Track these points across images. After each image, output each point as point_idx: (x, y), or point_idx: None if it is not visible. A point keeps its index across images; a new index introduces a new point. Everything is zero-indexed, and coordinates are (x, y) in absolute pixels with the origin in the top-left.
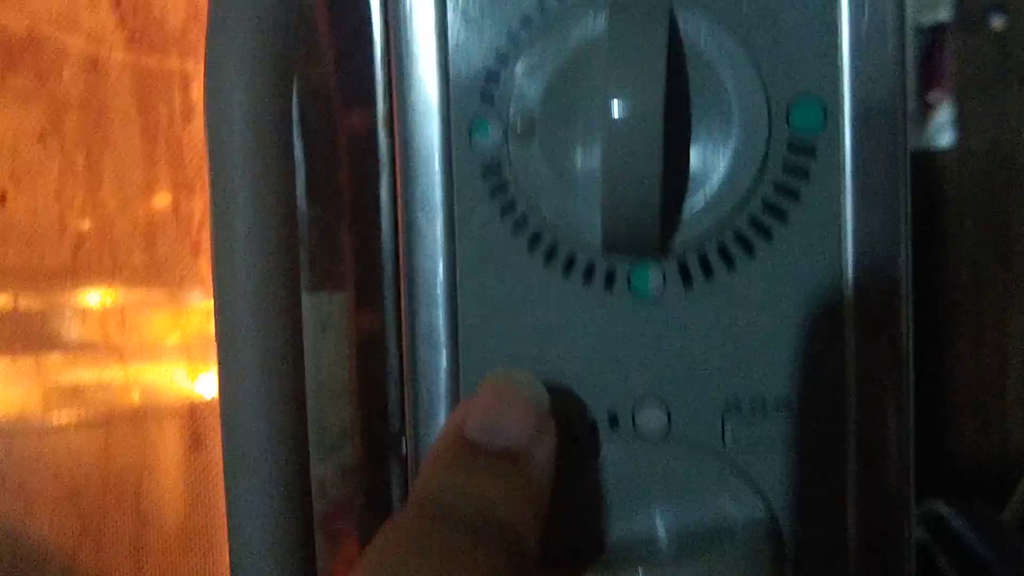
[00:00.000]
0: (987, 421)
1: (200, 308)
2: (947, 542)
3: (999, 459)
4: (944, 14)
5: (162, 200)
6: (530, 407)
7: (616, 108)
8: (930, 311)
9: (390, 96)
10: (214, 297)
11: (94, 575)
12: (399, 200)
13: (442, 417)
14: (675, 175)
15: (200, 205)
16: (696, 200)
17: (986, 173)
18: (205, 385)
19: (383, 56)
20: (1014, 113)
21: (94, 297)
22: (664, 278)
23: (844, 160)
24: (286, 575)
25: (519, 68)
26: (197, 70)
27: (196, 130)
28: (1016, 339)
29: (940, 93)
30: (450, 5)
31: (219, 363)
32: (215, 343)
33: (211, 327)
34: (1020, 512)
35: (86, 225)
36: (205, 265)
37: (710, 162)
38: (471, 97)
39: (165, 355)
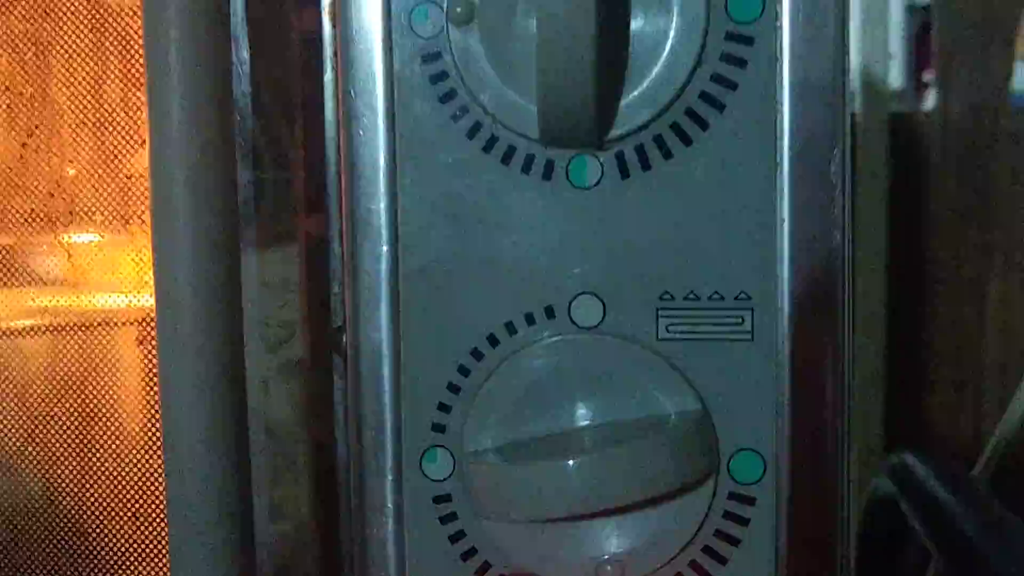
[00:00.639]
0: (963, 381)
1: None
2: (912, 491)
3: (973, 419)
4: None
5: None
6: None
7: None
8: (909, 270)
9: None
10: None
11: (41, 472)
12: (339, 91)
13: (382, 311)
14: (611, 65)
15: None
16: (633, 91)
17: (968, 134)
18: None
19: None
20: (996, 73)
21: (41, 194)
22: (602, 168)
23: (782, 49)
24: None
25: None
26: None
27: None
28: (995, 300)
29: (933, 73)
30: None
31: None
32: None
33: None
34: (991, 469)
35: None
36: None
37: (647, 53)
38: None
39: (113, 251)
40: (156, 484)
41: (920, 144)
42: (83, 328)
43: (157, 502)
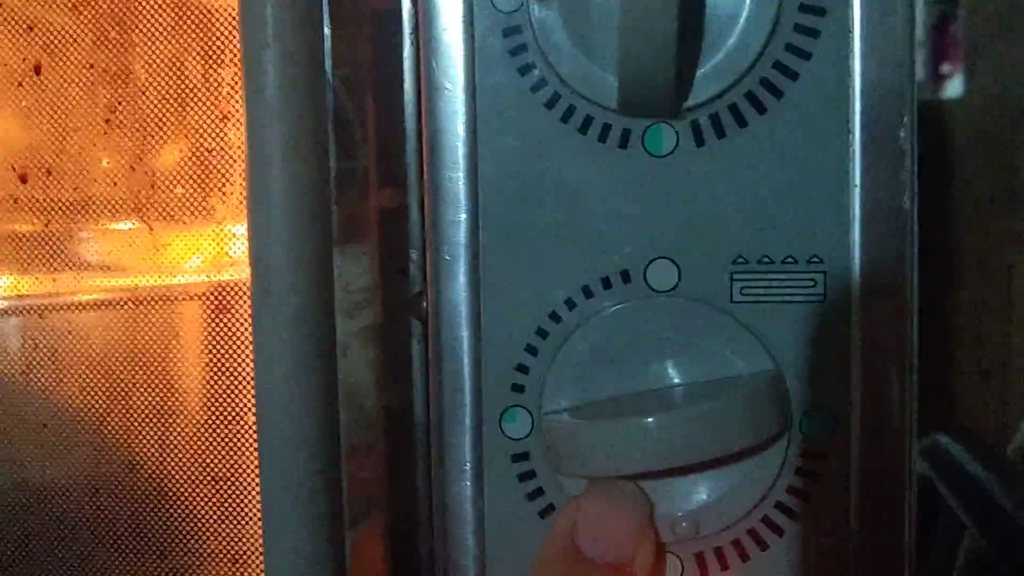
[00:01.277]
0: (989, 369)
1: (231, 184)
2: (948, 471)
3: (1000, 406)
4: None
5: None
6: (634, 520)
7: None
8: (937, 256)
9: None
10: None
11: (122, 439)
12: (421, 63)
13: (461, 276)
14: (690, 36)
15: (229, 74)
16: (709, 61)
17: (994, 121)
18: (232, 271)
19: None
20: (1022, 61)
21: (124, 165)
22: (677, 137)
23: (853, 19)
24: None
25: None
26: None
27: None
28: (1020, 287)
29: (951, 65)
30: None
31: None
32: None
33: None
34: (1020, 452)
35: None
36: (232, 131)
37: (723, 23)
38: None
39: (193, 225)
40: (236, 449)
41: (944, 132)
42: (163, 301)
43: (237, 466)
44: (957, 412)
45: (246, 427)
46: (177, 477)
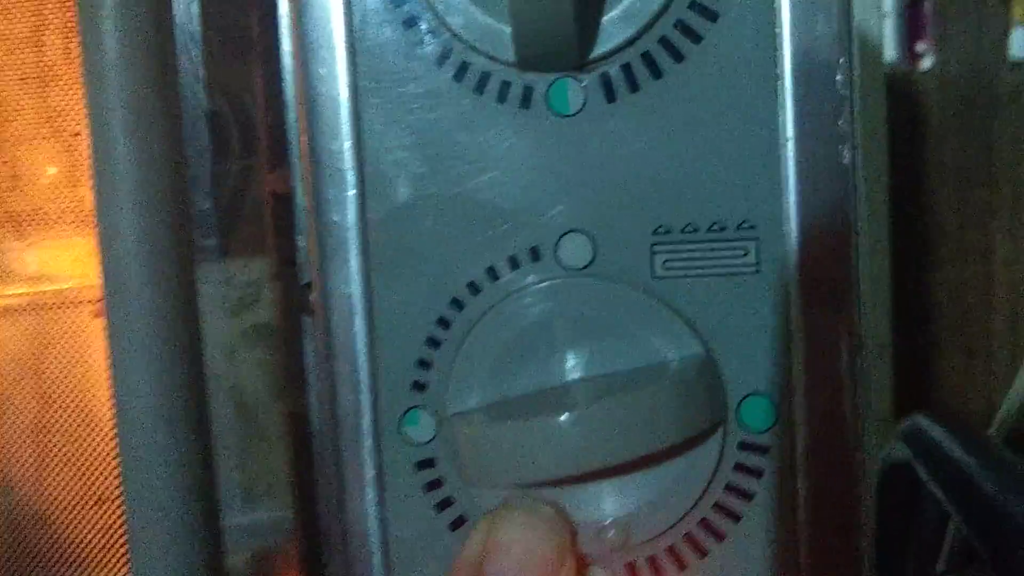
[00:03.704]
0: (972, 347)
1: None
2: (928, 453)
3: (984, 384)
4: None
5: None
6: (549, 551)
7: None
8: (913, 232)
9: None
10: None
11: None
12: (293, 24)
13: (351, 262)
14: None
15: None
16: (616, 5)
17: (967, 94)
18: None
19: None
20: (993, 32)
21: None
22: (585, 93)
23: None
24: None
25: None
26: None
27: None
28: (1001, 262)
29: (925, 43)
30: None
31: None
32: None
33: None
34: (1004, 433)
35: None
36: None
37: None
38: None
39: (62, 220)
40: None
41: (918, 104)
42: (37, 309)
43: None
44: (942, 393)
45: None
46: (57, 499)
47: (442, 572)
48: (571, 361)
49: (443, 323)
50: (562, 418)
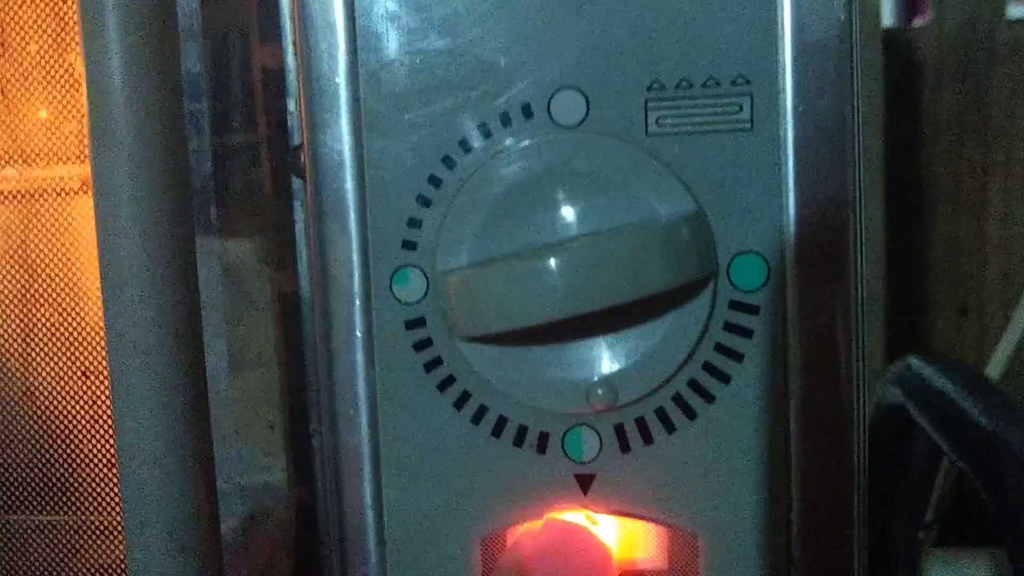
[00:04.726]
0: (965, 304)
1: None
2: (919, 393)
3: (977, 341)
4: None
5: None
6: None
7: None
8: (907, 188)
9: None
10: None
11: None
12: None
13: (343, 118)
14: None
15: None
16: None
17: (964, 47)
18: None
19: None
20: None
21: None
22: None
23: None
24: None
25: None
26: None
27: None
28: (995, 219)
29: (922, 18)
30: None
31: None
32: None
33: None
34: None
35: None
36: None
37: None
38: None
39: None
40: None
41: (914, 61)
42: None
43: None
44: (935, 349)
45: None
46: (43, 372)
47: (430, 431)
48: (562, 218)
49: (434, 181)
50: (551, 260)
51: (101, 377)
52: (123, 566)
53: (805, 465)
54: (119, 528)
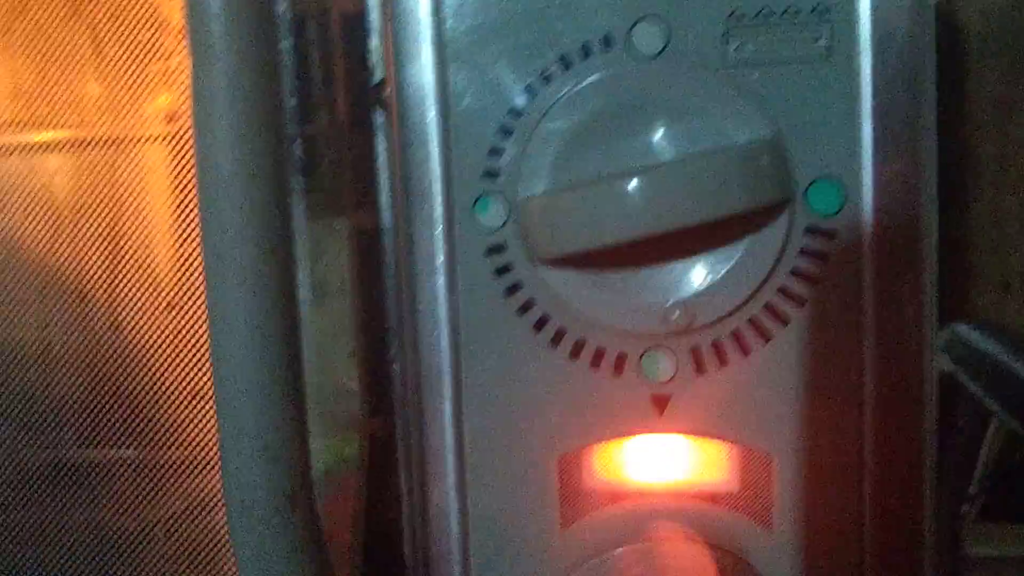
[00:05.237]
0: (1008, 280)
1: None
2: (968, 359)
3: (1019, 317)
4: None
5: None
6: None
7: None
8: (950, 162)
9: None
10: None
11: (72, 273)
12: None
13: (426, 52)
14: None
15: None
16: None
17: (1009, 23)
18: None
19: None
20: None
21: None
22: None
23: None
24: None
25: None
26: None
27: None
28: None
29: None
30: None
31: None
32: None
33: None
34: None
35: None
36: None
37: None
38: None
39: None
40: (190, 273)
41: (959, 32)
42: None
43: (193, 292)
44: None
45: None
46: (129, 305)
47: (509, 355)
48: (642, 145)
49: (515, 112)
50: (631, 181)
51: (185, 310)
52: (204, 505)
53: (878, 387)
54: (200, 465)
